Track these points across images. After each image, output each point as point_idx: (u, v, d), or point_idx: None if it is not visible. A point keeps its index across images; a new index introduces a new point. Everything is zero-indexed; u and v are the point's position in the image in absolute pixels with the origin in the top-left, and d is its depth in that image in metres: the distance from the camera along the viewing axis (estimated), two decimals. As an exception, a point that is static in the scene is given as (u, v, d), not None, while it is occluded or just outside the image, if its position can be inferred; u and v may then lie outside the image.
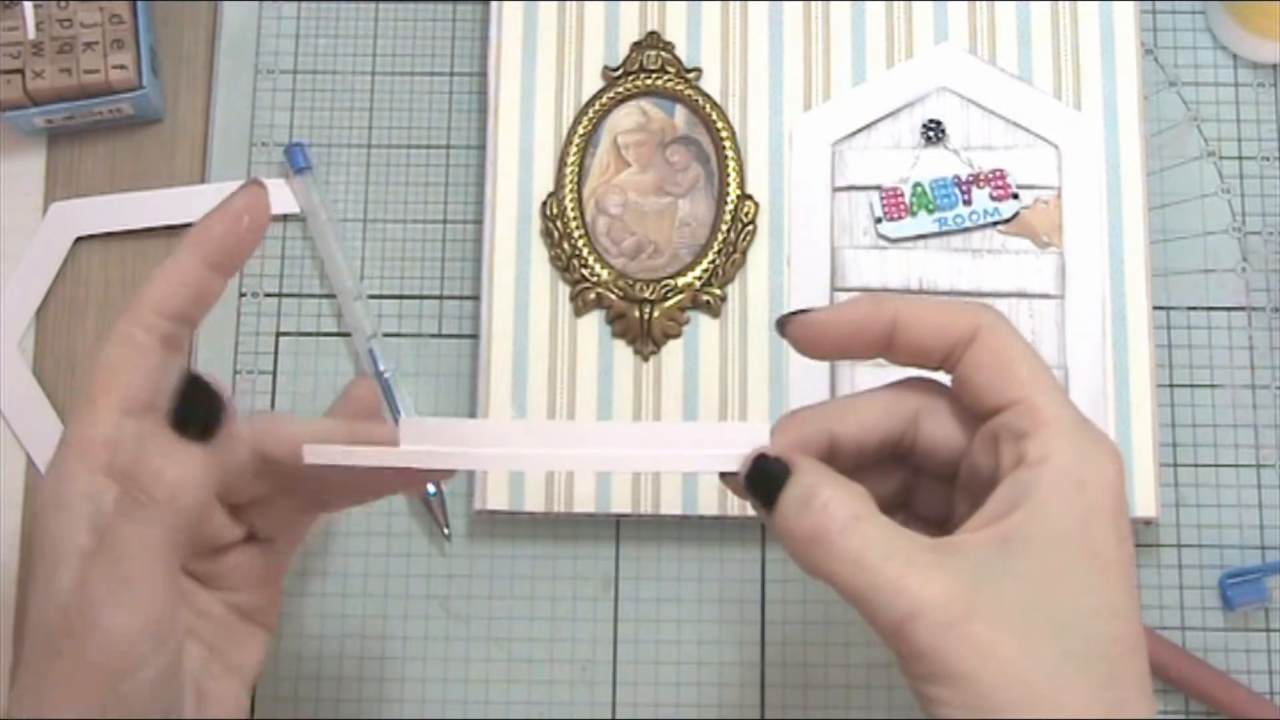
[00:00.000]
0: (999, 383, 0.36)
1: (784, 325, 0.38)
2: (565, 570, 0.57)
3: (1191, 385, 0.59)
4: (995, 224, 0.58)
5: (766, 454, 0.37)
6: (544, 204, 0.58)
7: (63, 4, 0.59)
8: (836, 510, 0.35)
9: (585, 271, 0.57)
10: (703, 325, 0.57)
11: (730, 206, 0.58)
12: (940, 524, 0.39)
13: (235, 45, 0.62)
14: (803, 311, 0.38)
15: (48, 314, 0.60)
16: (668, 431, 0.38)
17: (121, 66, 0.59)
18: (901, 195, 0.58)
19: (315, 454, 0.38)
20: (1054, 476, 0.34)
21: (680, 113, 0.59)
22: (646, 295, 0.57)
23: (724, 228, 0.58)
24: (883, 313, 0.37)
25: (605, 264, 0.58)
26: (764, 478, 0.36)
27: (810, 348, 0.38)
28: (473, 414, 0.58)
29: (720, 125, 0.59)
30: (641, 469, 0.39)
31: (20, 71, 0.59)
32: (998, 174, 0.58)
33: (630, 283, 0.57)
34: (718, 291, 0.57)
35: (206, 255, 0.39)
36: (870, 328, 0.37)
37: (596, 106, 0.59)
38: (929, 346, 0.37)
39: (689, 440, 0.37)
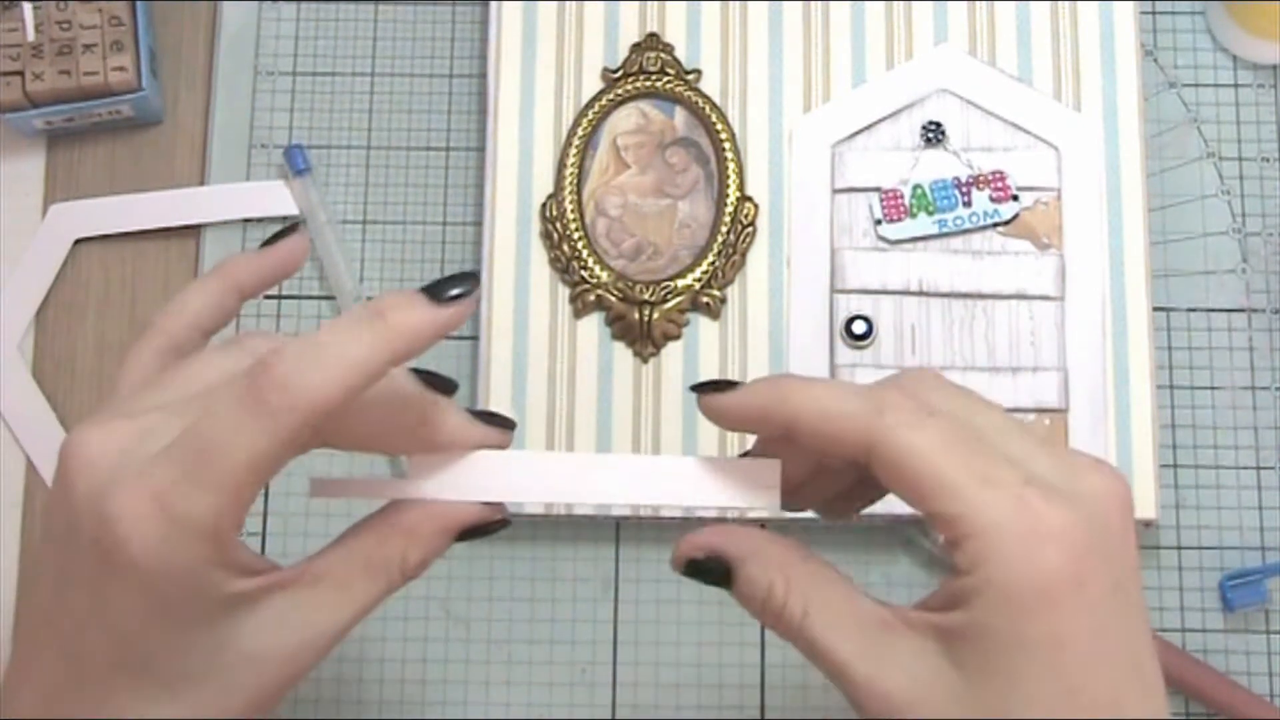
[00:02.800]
0: (908, 497, 0.34)
1: (697, 394, 0.38)
2: (565, 572, 0.57)
3: (1191, 387, 0.59)
4: (995, 225, 0.58)
5: (699, 558, 0.37)
6: (543, 206, 0.58)
7: (62, 6, 0.59)
8: (789, 610, 0.35)
9: (585, 273, 0.57)
10: (702, 327, 0.57)
11: (730, 208, 0.58)
12: None
13: (235, 47, 0.62)
14: (712, 386, 0.38)
15: (47, 316, 0.60)
16: (674, 466, 0.37)
17: (121, 68, 0.59)
18: (901, 197, 0.58)
19: (322, 488, 0.38)
20: (981, 585, 0.32)
21: (680, 114, 0.59)
22: (646, 297, 0.57)
23: (724, 229, 0.58)
24: (781, 411, 0.36)
25: (605, 266, 0.58)
26: (705, 574, 0.37)
27: (717, 422, 0.38)
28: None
29: (720, 127, 0.59)
30: (643, 502, 0.37)
31: (20, 73, 0.59)
32: (997, 175, 0.58)
33: (630, 284, 0.57)
34: (717, 293, 0.57)
35: (240, 284, 0.41)
36: (769, 422, 0.36)
37: (596, 108, 0.59)
38: (828, 455, 0.36)
39: (697, 476, 0.37)
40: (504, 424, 0.38)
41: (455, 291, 0.34)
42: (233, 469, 0.32)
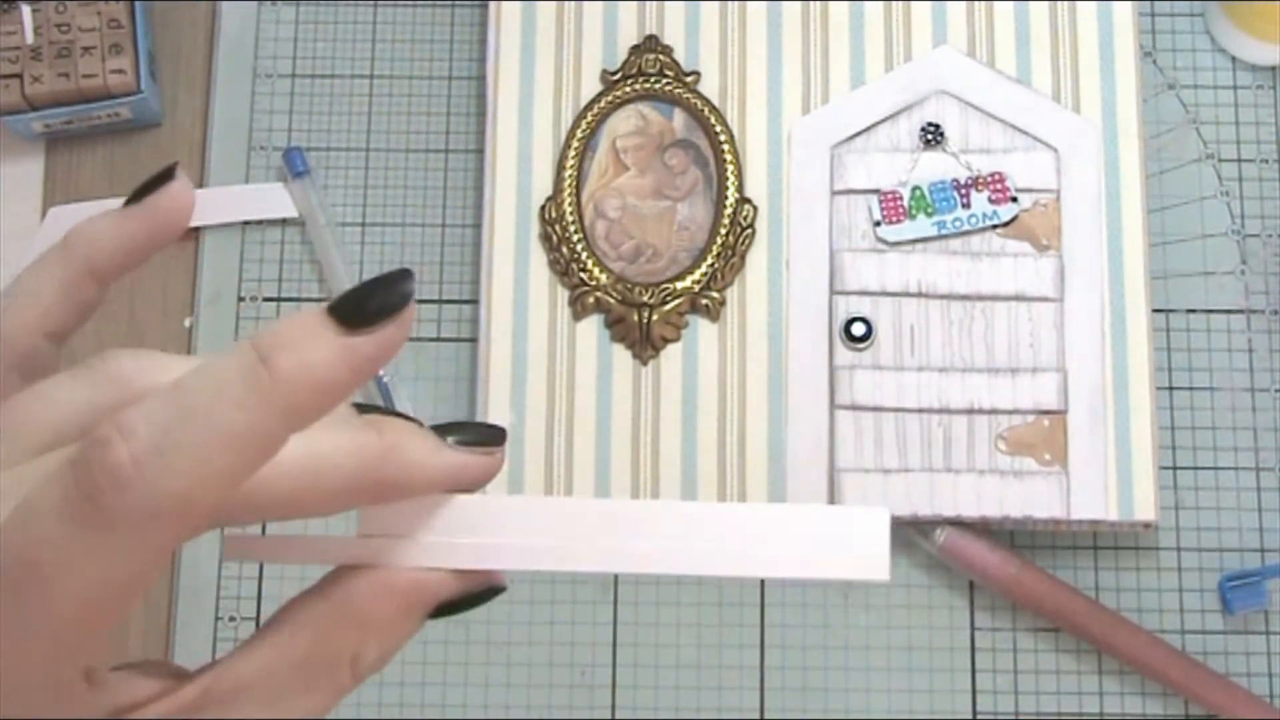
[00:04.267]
0: None
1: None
2: (564, 574, 0.57)
3: (1191, 388, 0.59)
4: (994, 227, 0.58)
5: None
6: (542, 208, 0.58)
7: (60, 8, 0.59)
8: None
9: (584, 275, 0.57)
10: (702, 329, 0.57)
11: (729, 210, 0.58)
12: None
13: (234, 49, 0.62)
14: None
15: (46, 318, 0.60)
16: (737, 519, 0.26)
17: (120, 71, 0.59)
18: (900, 198, 0.58)
19: (239, 548, 0.28)
20: None
21: (679, 116, 0.59)
22: (645, 299, 0.57)
23: (723, 231, 0.58)
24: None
25: (604, 268, 0.58)
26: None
27: None
28: (472, 418, 0.58)
29: (719, 129, 0.59)
30: (700, 573, 0.26)
31: (18, 76, 0.59)
32: (996, 177, 0.58)
33: (629, 286, 0.57)
34: (716, 295, 0.57)
35: (94, 266, 0.28)
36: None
37: (595, 110, 0.59)
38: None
39: (771, 533, 0.26)
40: (489, 439, 0.27)
41: (379, 306, 0.23)
42: (68, 601, 0.22)
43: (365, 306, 0.23)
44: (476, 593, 0.27)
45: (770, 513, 0.26)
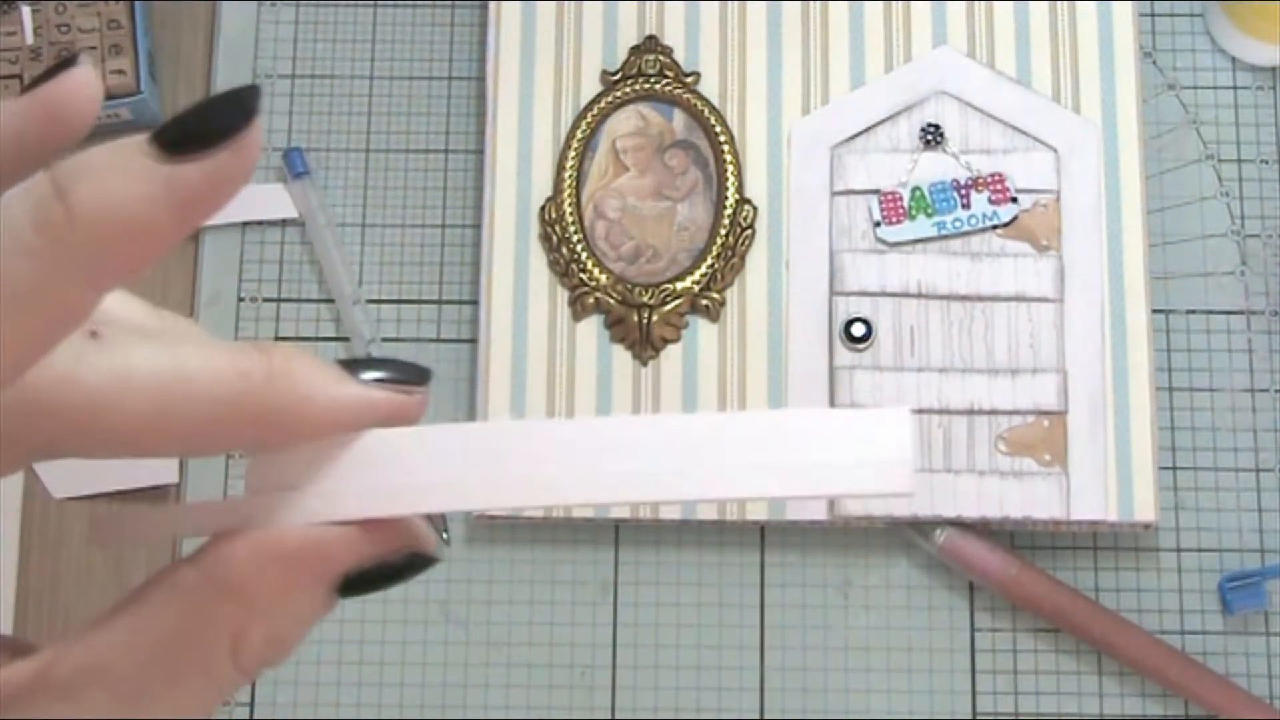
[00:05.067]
0: None
1: None
2: (564, 575, 0.57)
3: (1191, 389, 0.59)
4: (994, 228, 0.58)
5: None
6: (542, 208, 0.58)
7: (60, 8, 0.59)
8: None
9: (584, 276, 0.57)
10: (701, 329, 0.57)
11: (729, 210, 0.58)
12: None
13: (234, 49, 0.62)
14: None
15: (46, 319, 0.60)
16: (730, 428, 0.21)
17: (120, 72, 0.59)
18: (900, 199, 0.58)
19: (102, 532, 0.23)
20: None
21: (679, 117, 0.59)
22: (645, 300, 0.57)
23: (723, 232, 0.58)
24: None
25: (604, 268, 0.58)
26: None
27: None
28: (471, 419, 0.58)
29: (719, 129, 0.59)
30: (703, 497, 0.22)
31: (18, 77, 0.59)
32: (996, 177, 0.58)
33: (629, 287, 0.57)
34: (716, 296, 0.57)
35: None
36: None
37: (595, 110, 0.59)
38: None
39: (776, 442, 0.21)
40: (407, 375, 0.22)
41: (206, 126, 0.18)
42: None
43: (192, 127, 0.18)
44: (396, 562, 0.21)
45: (762, 422, 0.21)
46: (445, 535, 0.57)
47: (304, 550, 0.20)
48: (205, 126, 0.18)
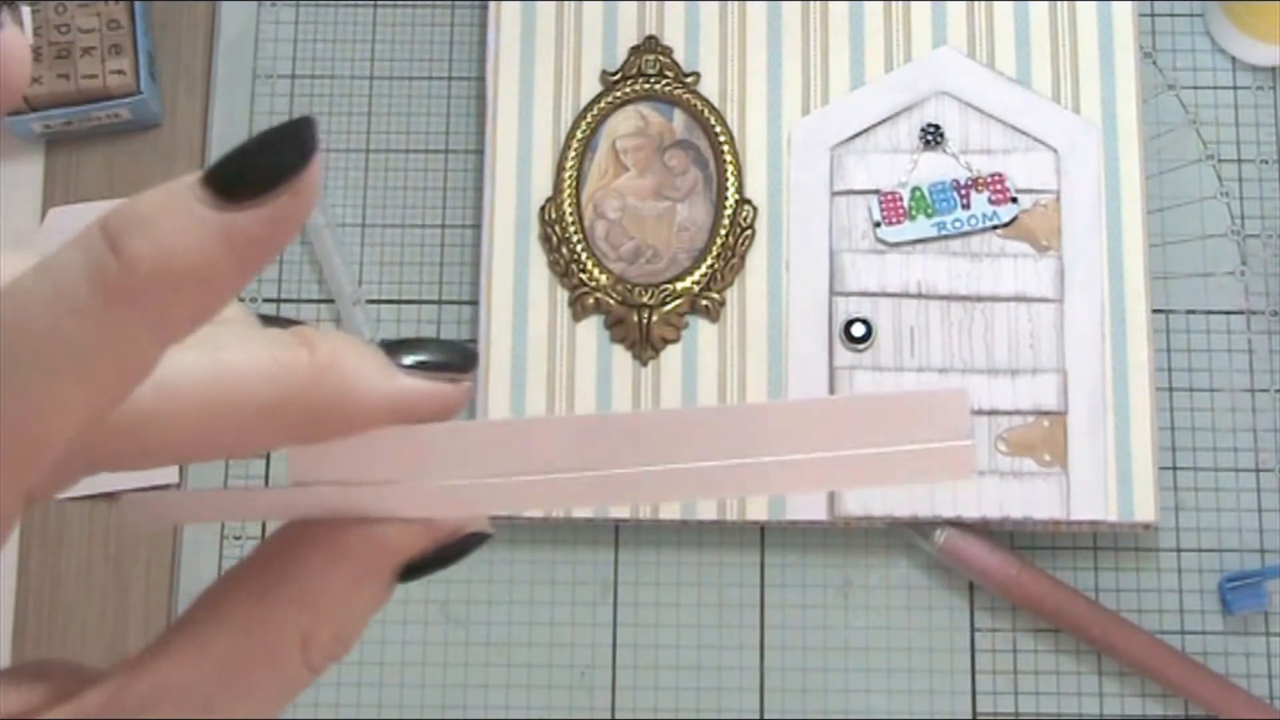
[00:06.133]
0: None
1: None
2: (564, 575, 0.57)
3: (1190, 389, 0.59)
4: (994, 228, 0.58)
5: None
6: (542, 208, 0.58)
7: (60, 8, 0.59)
8: None
9: (584, 276, 0.57)
10: (701, 330, 0.57)
11: (729, 211, 0.58)
12: None
13: (233, 50, 0.62)
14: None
15: (46, 319, 0.60)
16: (784, 418, 0.20)
17: (119, 72, 0.59)
18: (900, 199, 0.58)
19: (138, 511, 0.22)
20: None
21: (678, 117, 0.59)
22: (645, 300, 0.57)
23: (722, 232, 0.58)
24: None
25: (604, 268, 0.58)
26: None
27: None
28: (472, 418, 0.58)
29: (719, 129, 0.59)
30: (750, 492, 0.21)
31: (18, 77, 0.59)
32: (996, 178, 0.58)
33: (629, 287, 0.57)
34: (716, 296, 0.57)
35: None
36: None
37: (595, 111, 0.59)
38: None
39: (834, 427, 0.20)
40: (454, 362, 0.21)
41: (265, 169, 0.17)
42: None
43: (249, 169, 0.17)
44: (452, 545, 0.21)
45: (814, 408, 0.20)
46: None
47: (367, 549, 0.20)
48: (262, 168, 0.17)
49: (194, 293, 0.17)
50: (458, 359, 0.21)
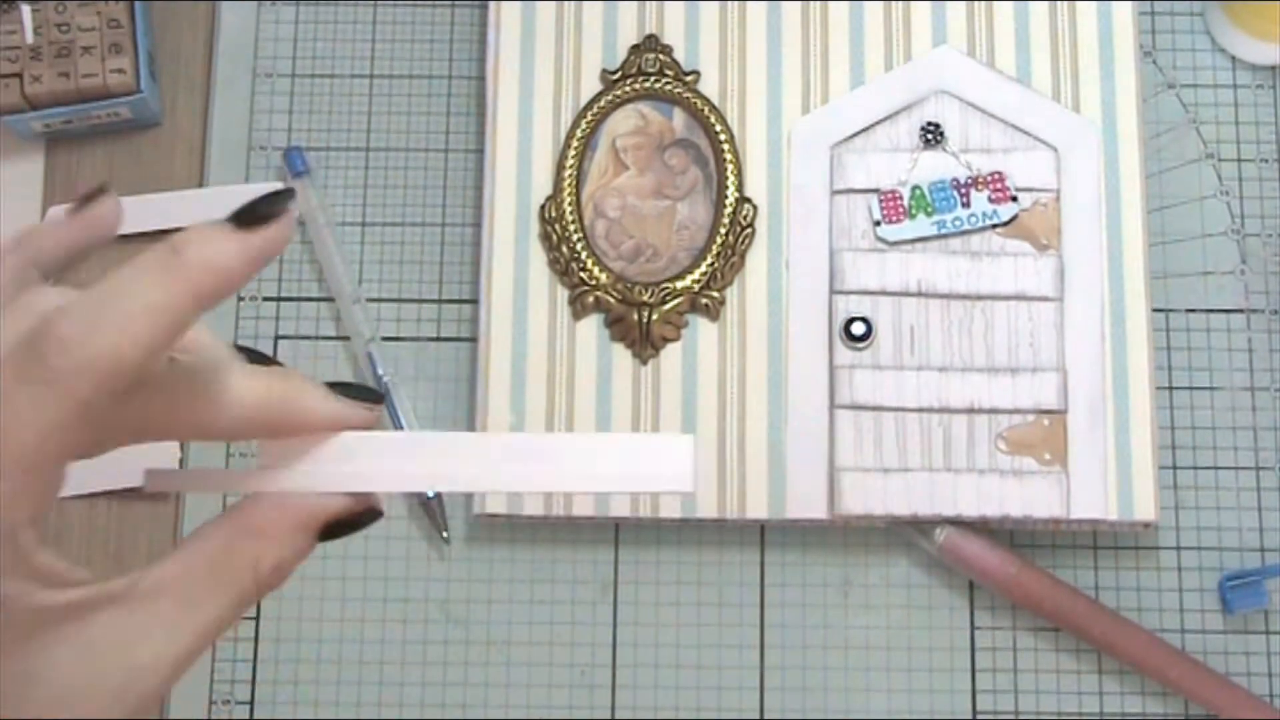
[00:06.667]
0: None
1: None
2: (564, 574, 0.57)
3: (1190, 388, 0.59)
4: (994, 227, 0.58)
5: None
6: (542, 207, 0.58)
7: (60, 8, 0.59)
8: None
9: (584, 275, 0.57)
10: (701, 328, 0.57)
11: (729, 209, 0.58)
12: None
13: (233, 49, 0.62)
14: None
15: (46, 318, 0.60)
16: (570, 446, 0.32)
17: (119, 70, 0.59)
18: (900, 198, 0.58)
19: (158, 480, 0.33)
20: None
21: (679, 116, 0.59)
22: (645, 298, 0.57)
23: (723, 231, 0.58)
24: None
25: (604, 267, 0.58)
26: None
27: None
28: (472, 418, 0.58)
29: (719, 128, 0.59)
30: (539, 489, 0.36)
31: (18, 76, 0.59)
32: (996, 177, 0.58)
33: (629, 286, 0.57)
34: (716, 295, 0.57)
35: (39, 258, 0.33)
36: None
37: (595, 110, 0.59)
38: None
39: (594, 456, 0.32)
40: (369, 398, 0.33)
41: (265, 211, 0.29)
42: (19, 449, 0.27)
43: (255, 211, 0.30)
44: (359, 512, 0.32)
45: (591, 441, 0.34)
46: (445, 535, 0.57)
47: (302, 507, 0.32)
48: (263, 213, 0.30)
49: (223, 277, 0.29)
50: (371, 395, 0.33)
